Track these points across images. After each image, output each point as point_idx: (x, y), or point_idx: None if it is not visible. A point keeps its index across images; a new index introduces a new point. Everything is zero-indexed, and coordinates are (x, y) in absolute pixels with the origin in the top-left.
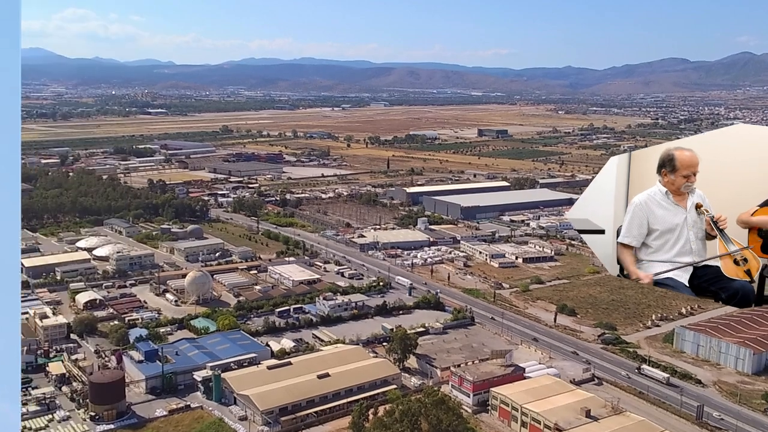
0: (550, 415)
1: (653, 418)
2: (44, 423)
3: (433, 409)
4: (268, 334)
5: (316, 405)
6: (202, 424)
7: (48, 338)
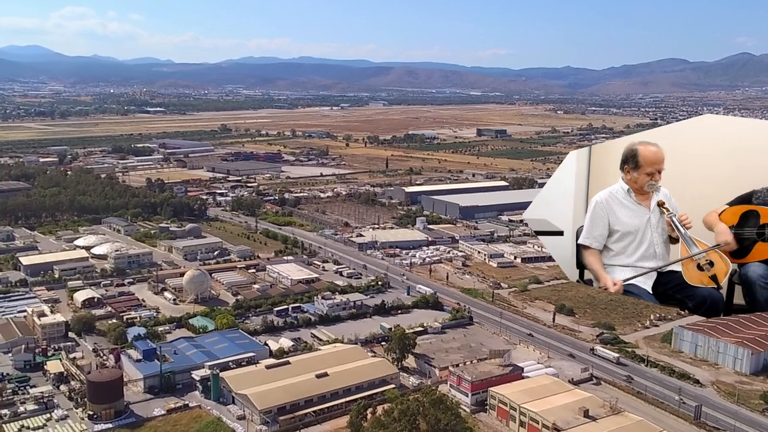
0: (548, 414)
1: (651, 418)
2: (42, 422)
3: (431, 408)
4: (267, 334)
5: (314, 404)
6: (200, 423)
7: (46, 337)
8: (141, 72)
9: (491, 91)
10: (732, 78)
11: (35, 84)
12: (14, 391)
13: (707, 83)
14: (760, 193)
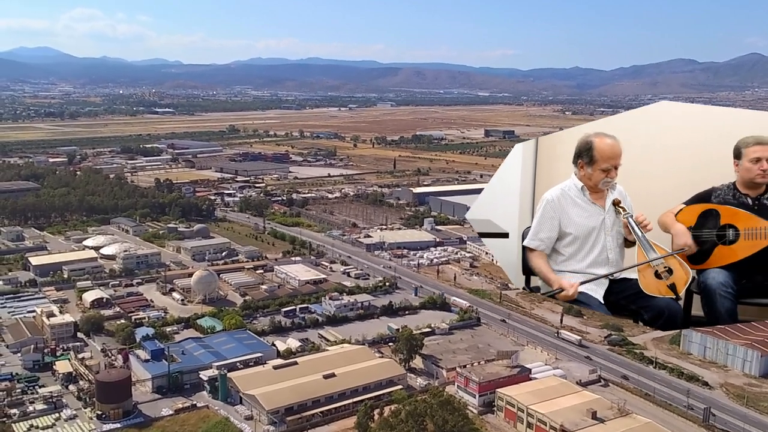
0: (556, 416)
1: (659, 420)
2: (51, 421)
3: (438, 409)
4: (274, 334)
5: (321, 405)
6: (208, 423)
7: (55, 337)
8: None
9: (499, 92)
10: (742, 79)
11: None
12: (23, 391)
13: (716, 84)
14: (720, 190)
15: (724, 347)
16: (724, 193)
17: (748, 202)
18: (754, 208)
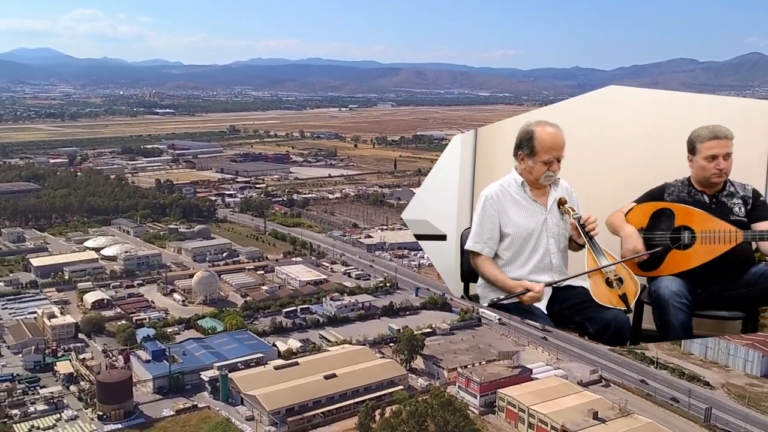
0: (557, 416)
1: (661, 420)
2: (52, 422)
3: (439, 410)
4: (275, 335)
5: (322, 405)
6: (209, 424)
7: (56, 338)
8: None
9: (500, 92)
10: (742, 78)
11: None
12: (24, 392)
13: (717, 83)
14: (674, 186)
15: (726, 347)
16: (679, 190)
17: (704, 200)
18: (711, 207)
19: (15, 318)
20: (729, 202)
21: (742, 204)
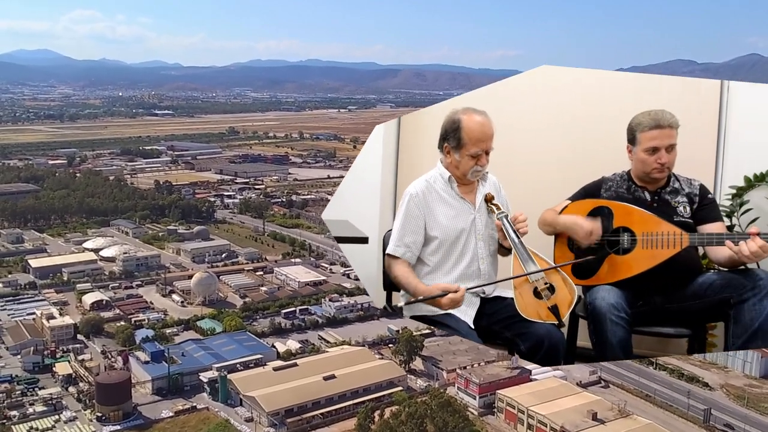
0: (556, 417)
1: (660, 422)
2: (51, 423)
3: (439, 411)
4: (274, 336)
5: (321, 407)
6: (208, 425)
7: (55, 339)
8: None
9: None
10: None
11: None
12: (23, 393)
13: None
14: (612, 181)
15: None
16: (617, 185)
17: (645, 197)
18: (653, 206)
19: (14, 319)
20: (673, 201)
21: (687, 203)
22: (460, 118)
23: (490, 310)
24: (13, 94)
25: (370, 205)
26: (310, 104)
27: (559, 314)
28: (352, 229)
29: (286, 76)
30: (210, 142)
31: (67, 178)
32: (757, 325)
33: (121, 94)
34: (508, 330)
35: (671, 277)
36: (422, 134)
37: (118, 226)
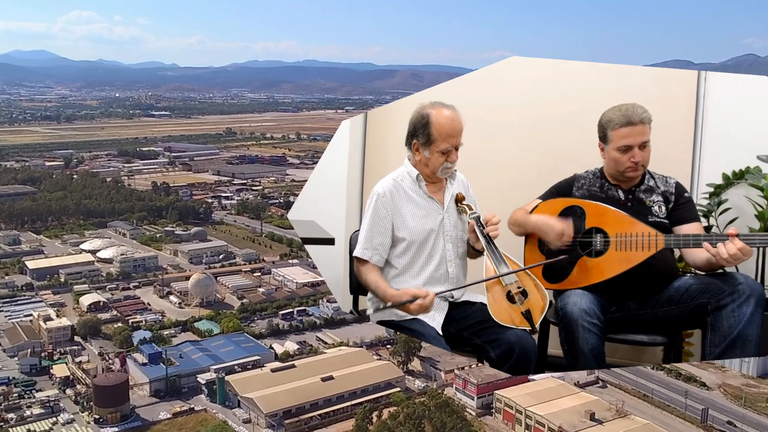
0: (554, 417)
1: (658, 421)
2: (48, 425)
3: (437, 412)
4: (272, 337)
5: (320, 408)
6: (206, 426)
7: (52, 340)
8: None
9: None
10: None
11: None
12: (20, 395)
13: None
14: (584, 179)
15: None
16: (590, 183)
17: (618, 196)
18: (627, 205)
19: (10, 321)
20: (647, 200)
21: (662, 202)
22: (428, 113)
23: (458, 315)
24: (10, 95)
25: (337, 205)
26: (308, 105)
27: (532, 320)
28: (318, 230)
29: (283, 76)
30: (207, 143)
31: (64, 180)
32: (735, 333)
33: (118, 95)
34: (478, 336)
35: (646, 281)
36: (389, 130)
37: (116, 227)
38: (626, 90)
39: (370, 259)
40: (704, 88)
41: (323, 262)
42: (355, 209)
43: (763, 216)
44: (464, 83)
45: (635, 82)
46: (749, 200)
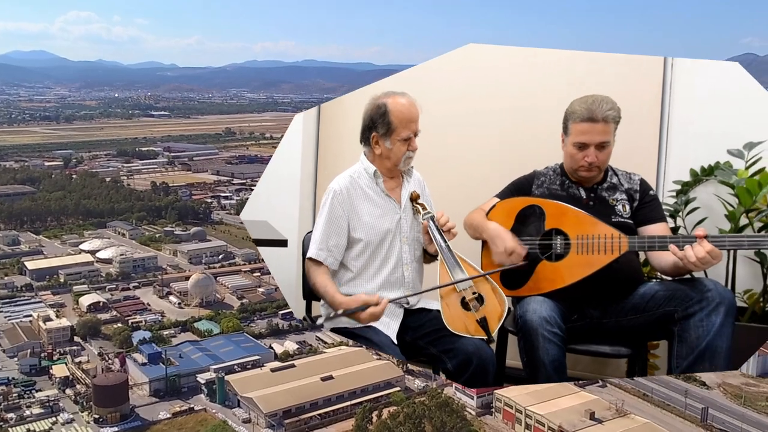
0: (554, 417)
1: (658, 420)
2: (48, 425)
3: (437, 411)
4: (272, 337)
5: (319, 408)
6: (206, 426)
7: (52, 341)
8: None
9: None
10: None
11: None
12: (20, 395)
13: None
14: (545, 175)
15: None
16: (550, 180)
17: (579, 194)
18: (589, 204)
19: (10, 321)
20: (611, 198)
21: (626, 200)
22: (385, 102)
23: (414, 323)
24: (9, 96)
25: (290, 204)
26: (307, 105)
27: (488, 329)
28: (271, 231)
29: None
30: (206, 143)
31: (64, 180)
32: (704, 345)
33: (117, 95)
34: (434, 345)
35: (609, 287)
36: (343, 124)
37: (115, 227)
38: (593, 79)
39: (324, 261)
40: (671, 75)
41: (275, 265)
42: (309, 208)
43: (734, 216)
44: (418, 73)
45: (601, 70)
46: (719, 199)
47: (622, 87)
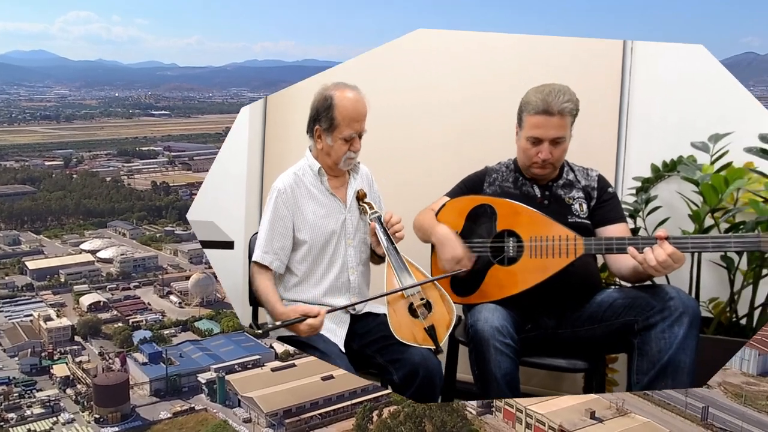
0: (554, 416)
1: (658, 420)
2: (49, 425)
3: (437, 411)
4: (272, 336)
5: (320, 407)
6: (206, 426)
7: (52, 340)
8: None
9: None
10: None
11: (40, 88)
12: (21, 395)
13: None
14: (497, 172)
15: None
16: (503, 177)
17: (534, 192)
18: (544, 203)
19: (11, 321)
20: (566, 197)
21: (584, 198)
22: (332, 94)
23: (361, 329)
24: (9, 95)
25: (236, 203)
26: None
27: (436, 339)
28: (218, 232)
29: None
30: (207, 142)
31: (64, 180)
32: (666, 359)
33: (118, 94)
34: (381, 354)
35: (564, 294)
36: (290, 117)
37: (115, 227)
38: (549, 66)
39: (271, 265)
40: (630, 61)
41: (221, 269)
42: (255, 208)
43: (698, 216)
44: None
45: (559, 56)
46: (682, 197)
47: (578, 73)
